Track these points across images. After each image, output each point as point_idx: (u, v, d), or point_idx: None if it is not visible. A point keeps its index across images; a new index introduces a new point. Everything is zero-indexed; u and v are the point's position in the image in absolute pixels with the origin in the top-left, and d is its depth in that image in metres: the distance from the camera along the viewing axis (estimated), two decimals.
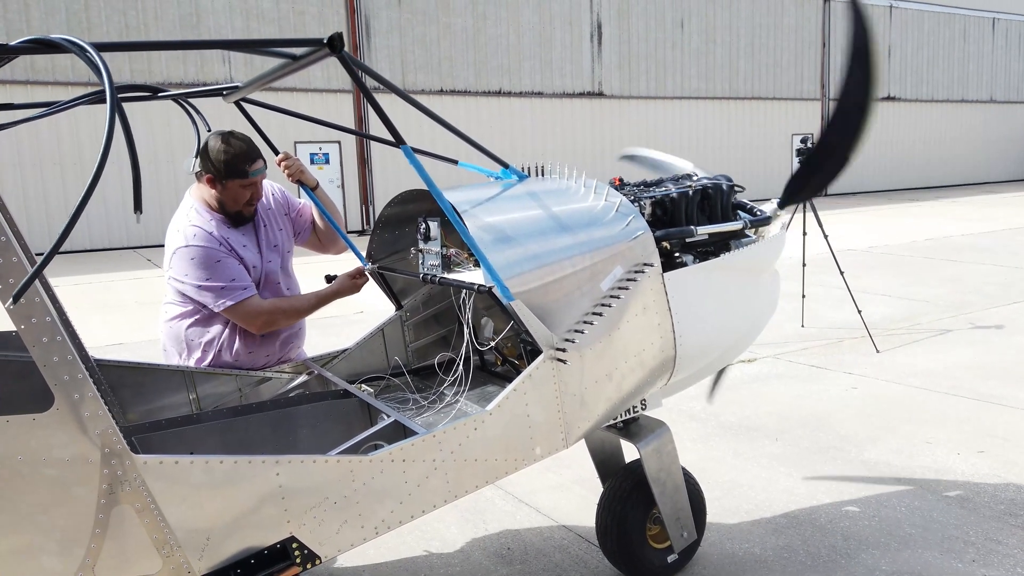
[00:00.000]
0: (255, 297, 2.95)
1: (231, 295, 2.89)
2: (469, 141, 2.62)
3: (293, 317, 3.07)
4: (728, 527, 3.83)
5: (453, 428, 2.30)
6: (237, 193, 2.96)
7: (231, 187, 2.93)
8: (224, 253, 2.91)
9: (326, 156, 18.54)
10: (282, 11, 17.97)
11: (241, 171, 2.91)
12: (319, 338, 5.03)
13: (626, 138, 23.18)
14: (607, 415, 2.75)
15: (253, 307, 2.93)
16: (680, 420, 5.32)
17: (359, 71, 2.06)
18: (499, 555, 3.65)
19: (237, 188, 2.94)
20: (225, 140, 2.89)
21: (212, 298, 2.89)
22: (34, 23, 15.59)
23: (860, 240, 14.67)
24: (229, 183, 2.92)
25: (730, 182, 3.35)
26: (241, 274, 2.93)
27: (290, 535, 2.02)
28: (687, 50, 24.04)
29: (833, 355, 6.90)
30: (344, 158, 18.89)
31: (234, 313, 2.92)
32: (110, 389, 2.90)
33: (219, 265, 2.88)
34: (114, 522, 1.79)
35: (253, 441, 2.69)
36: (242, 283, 2.92)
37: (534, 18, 21.19)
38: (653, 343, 2.77)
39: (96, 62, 1.63)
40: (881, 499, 4.07)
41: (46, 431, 1.71)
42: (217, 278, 2.88)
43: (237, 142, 2.91)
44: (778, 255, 3.44)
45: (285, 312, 3.02)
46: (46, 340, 1.67)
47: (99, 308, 10.23)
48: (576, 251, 2.64)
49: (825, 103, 27.33)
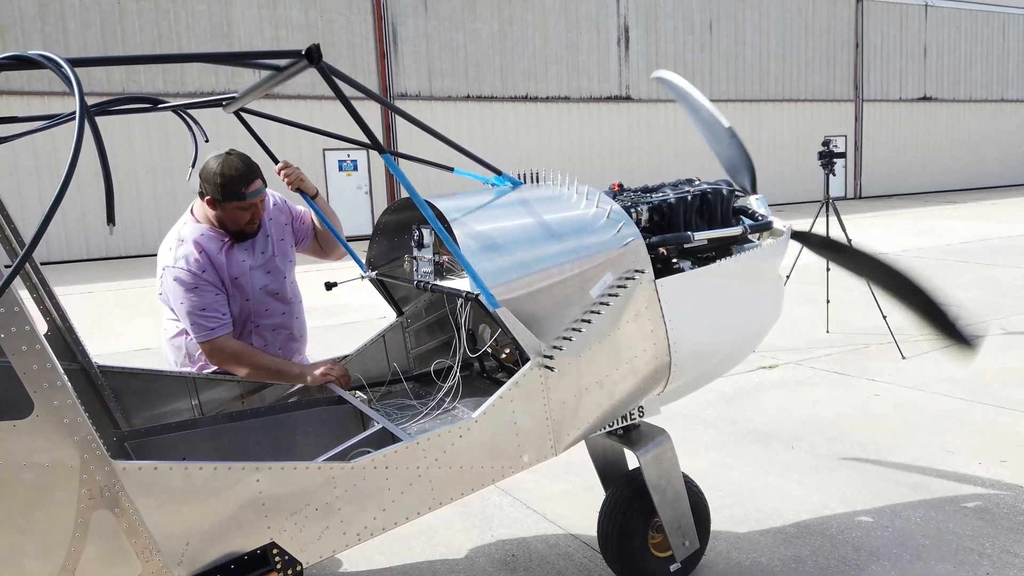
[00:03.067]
0: (221, 338, 2.95)
1: (200, 331, 2.93)
2: (459, 149, 2.62)
3: (251, 372, 3.02)
4: (736, 536, 3.78)
5: (437, 435, 2.31)
6: (236, 215, 2.99)
7: (229, 209, 2.96)
8: (204, 281, 2.93)
9: (354, 163, 18.74)
10: (310, 20, 18.23)
11: (238, 194, 2.92)
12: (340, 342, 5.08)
13: (654, 142, 23.08)
14: (599, 422, 2.74)
15: (217, 347, 2.95)
16: (694, 427, 5.27)
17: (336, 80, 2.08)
18: (503, 562, 3.64)
19: (235, 210, 2.97)
20: (223, 162, 2.91)
21: (188, 327, 2.96)
22: (71, 35, 16.03)
23: (894, 243, 14.38)
24: (227, 205, 2.95)
25: (731, 187, 3.31)
26: (215, 306, 2.94)
27: (271, 541, 2.04)
28: (716, 52, 23.84)
29: (857, 361, 6.78)
30: (372, 164, 19.08)
31: (203, 346, 2.97)
32: (113, 395, 2.96)
33: (196, 292, 2.91)
34: (94, 526, 1.82)
35: (248, 447, 2.72)
36: (213, 319, 2.93)
37: (561, 22, 21.20)
38: (646, 350, 2.75)
39: (68, 76, 1.67)
40: (896, 509, 3.98)
41: (26, 437, 1.75)
42: (192, 307, 2.91)
43: (235, 163, 2.91)
44: (780, 260, 3.39)
45: (246, 365, 2.99)
46: (25, 348, 1.71)
47: (133, 314, 10.44)
48: (565, 258, 2.63)
49: (858, 104, 26.89)
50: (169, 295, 2.97)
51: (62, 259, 16.10)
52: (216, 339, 2.95)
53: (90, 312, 10.41)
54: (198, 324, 2.93)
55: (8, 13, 15.69)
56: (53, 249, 15.91)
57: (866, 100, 27.21)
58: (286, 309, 3.23)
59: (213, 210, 3.00)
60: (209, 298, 2.93)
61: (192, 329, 2.95)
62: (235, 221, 3.01)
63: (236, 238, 3.06)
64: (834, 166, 7.27)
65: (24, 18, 15.81)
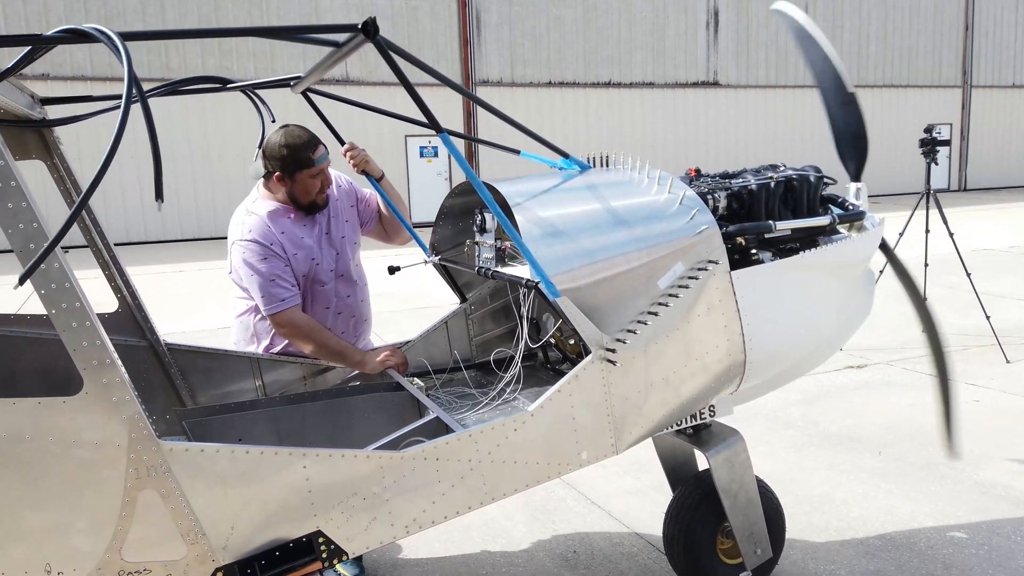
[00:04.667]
0: (291, 309, 2.93)
1: (270, 302, 2.91)
2: (525, 130, 2.52)
3: (316, 349, 2.98)
4: (814, 546, 3.56)
5: (491, 428, 2.22)
6: (307, 184, 2.97)
7: (300, 179, 2.95)
8: (272, 252, 2.92)
9: (435, 149, 18.87)
10: (395, 7, 18.41)
11: (305, 160, 2.91)
12: (413, 321, 5.06)
13: (742, 129, 22.34)
14: (664, 421, 2.59)
15: (287, 318, 2.92)
16: (775, 427, 5.02)
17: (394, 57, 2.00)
18: (564, 558, 3.54)
19: (306, 179, 2.95)
20: (284, 133, 2.92)
21: (258, 299, 2.94)
22: (169, 25, 16.67)
23: (1001, 238, 13.44)
24: (298, 175, 2.94)
25: (819, 174, 3.08)
26: (285, 277, 2.92)
27: (317, 529, 2.00)
28: None
29: (956, 364, 6.31)
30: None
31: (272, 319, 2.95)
32: (180, 373, 3.00)
33: (266, 263, 2.90)
34: (140, 506, 1.82)
35: (304, 430, 2.70)
36: (283, 289, 2.91)
37: (647, 7, 20.72)
38: (719, 346, 2.58)
39: (119, 49, 1.65)
40: (993, 526, 3.66)
41: (76, 414, 1.75)
42: (262, 278, 2.90)
43: (295, 132, 2.92)
44: (871, 253, 3.14)
45: (313, 341, 2.95)
46: (75, 325, 1.71)
47: (216, 292, 10.80)
48: (633, 247, 2.48)
49: (966, 90, 25.29)
50: (239, 269, 2.97)
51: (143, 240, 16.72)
52: (286, 310, 2.92)
53: (173, 291, 10.82)
54: (268, 294, 2.90)
55: (114, 5, 16.46)
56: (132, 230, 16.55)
57: (975, 86, 25.56)
58: (351, 291, 3.20)
59: (283, 185, 2.98)
60: (279, 269, 2.91)
61: (262, 301, 2.93)
62: (307, 191, 2.98)
63: (308, 210, 3.03)
64: (936, 155, 6.79)
65: (127, 10, 16.57)
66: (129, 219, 16.87)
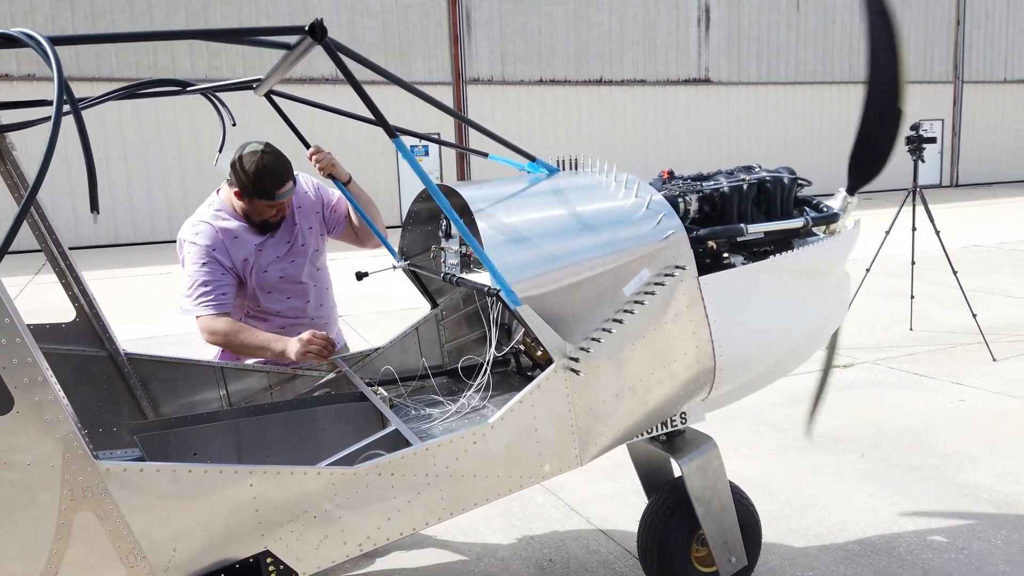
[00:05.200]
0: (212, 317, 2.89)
1: (197, 305, 2.89)
2: (487, 132, 2.45)
3: (237, 349, 2.95)
4: (792, 551, 3.51)
5: (449, 441, 2.15)
6: (262, 210, 2.98)
7: (257, 204, 2.95)
8: (213, 259, 2.90)
9: (425, 148, 18.77)
10: (385, 5, 18.31)
11: (267, 193, 2.90)
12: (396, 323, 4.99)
13: (734, 126, 22.28)
14: (631, 431, 2.53)
15: (206, 325, 2.90)
16: (759, 429, 4.97)
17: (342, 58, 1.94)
18: (539, 566, 3.48)
19: (263, 206, 2.96)
20: (257, 160, 2.86)
21: (188, 298, 2.91)
22: (157, 24, 16.54)
23: (991, 235, 13.42)
24: (256, 201, 2.94)
25: (793, 175, 3.02)
26: (217, 285, 2.90)
27: (265, 549, 1.94)
28: (803, 32, 22.77)
29: (942, 362, 6.29)
30: (443, 151, 19.06)
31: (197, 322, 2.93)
32: (140, 383, 2.93)
33: (203, 267, 2.88)
34: (76, 529, 1.75)
35: (267, 441, 2.64)
36: (210, 296, 2.89)
37: (638, 4, 20.64)
38: (687, 353, 2.52)
39: (48, 55, 1.58)
40: (974, 529, 3.62)
41: (6, 434, 1.68)
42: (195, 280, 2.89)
43: (270, 161, 2.87)
44: (847, 255, 3.08)
45: (232, 343, 2.92)
46: (4, 342, 1.64)
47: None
48: (598, 252, 2.42)
49: (958, 85, 25.26)
50: (185, 267, 2.97)
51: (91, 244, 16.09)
52: (206, 316, 2.90)
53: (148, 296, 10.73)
54: (195, 297, 2.90)
55: (100, 3, 16.32)
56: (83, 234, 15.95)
57: (966, 82, 25.53)
58: (305, 297, 3.15)
59: (240, 201, 2.98)
60: (214, 276, 2.90)
61: (190, 302, 2.91)
62: (260, 214, 3.00)
63: (258, 228, 3.03)
64: (923, 152, 6.75)
65: (114, 8, 16.43)
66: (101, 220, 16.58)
